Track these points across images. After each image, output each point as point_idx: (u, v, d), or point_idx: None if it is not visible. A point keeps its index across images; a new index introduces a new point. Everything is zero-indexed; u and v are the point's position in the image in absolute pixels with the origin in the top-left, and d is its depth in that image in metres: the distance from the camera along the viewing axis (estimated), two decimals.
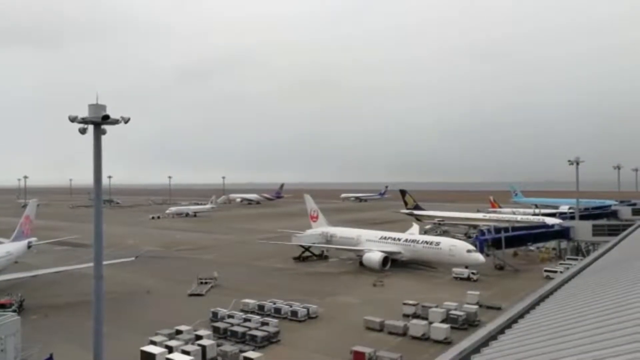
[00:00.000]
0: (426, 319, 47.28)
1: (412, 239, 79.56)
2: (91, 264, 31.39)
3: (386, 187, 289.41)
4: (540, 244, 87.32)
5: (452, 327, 44.80)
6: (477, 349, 13.80)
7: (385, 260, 74.04)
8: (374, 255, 74.87)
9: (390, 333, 45.12)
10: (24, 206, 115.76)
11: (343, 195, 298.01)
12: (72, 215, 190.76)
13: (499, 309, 51.27)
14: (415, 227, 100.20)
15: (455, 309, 48.88)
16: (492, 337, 14.95)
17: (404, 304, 51.51)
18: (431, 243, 75.35)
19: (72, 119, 28.29)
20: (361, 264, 77.01)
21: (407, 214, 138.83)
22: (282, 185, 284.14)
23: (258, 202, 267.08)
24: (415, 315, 49.35)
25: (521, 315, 17.75)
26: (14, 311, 44.55)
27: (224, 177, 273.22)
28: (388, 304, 54.18)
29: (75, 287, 61.17)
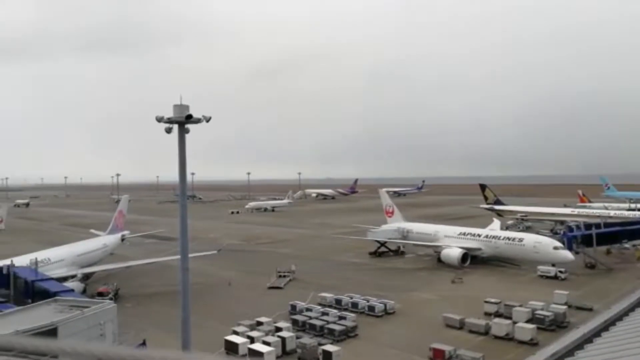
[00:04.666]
0: (510, 318, 45.36)
1: (493, 234, 76.56)
2: (178, 257, 33.16)
3: (423, 181, 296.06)
4: (637, 242, 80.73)
5: (538, 328, 42.67)
6: (570, 351, 12.98)
7: (464, 257, 71.84)
8: (452, 252, 72.90)
9: (471, 332, 43.75)
10: (117, 202, 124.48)
11: (384, 189, 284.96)
12: (160, 210, 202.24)
13: (590, 310, 48.19)
14: (496, 223, 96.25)
15: (542, 309, 46.39)
16: (587, 340, 14.00)
17: (486, 302, 49.69)
18: (514, 239, 72.12)
19: (159, 119, 29.94)
20: (439, 260, 75.29)
21: (487, 209, 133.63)
22: (356, 181, 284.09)
23: (333, 197, 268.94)
24: (498, 314, 47.46)
25: (619, 317, 16.48)
26: (111, 299, 48.06)
27: (299, 173, 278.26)
28: (468, 302, 52.55)
29: (164, 277, 64.77)
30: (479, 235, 76.77)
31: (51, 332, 27.44)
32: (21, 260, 53.26)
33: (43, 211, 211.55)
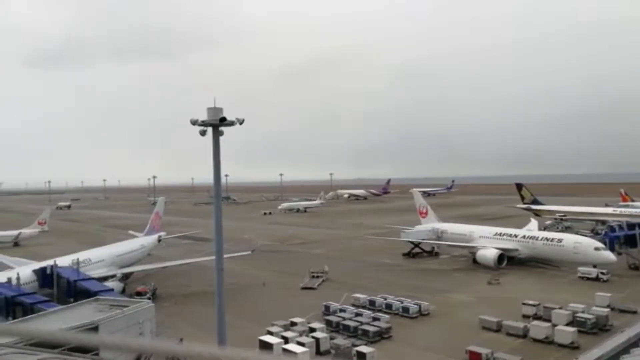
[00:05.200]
0: (549, 320, 44.18)
1: (530, 235, 74.75)
2: (213, 257, 33.69)
3: (452, 181, 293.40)
4: None
5: (579, 331, 41.42)
6: (616, 355, 12.52)
7: (501, 258, 70.42)
8: (488, 252, 71.55)
9: (509, 334, 42.82)
10: (154, 204, 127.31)
11: (417, 190, 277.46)
12: (195, 211, 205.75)
13: (634, 312, 46.54)
14: (534, 223, 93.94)
15: (583, 312, 45.04)
16: (633, 343, 13.47)
17: (524, 304, 48.55)
18: (552, 240, 70.23)
19: (194, 122, 30.48)
20: (474, 261, 74.03)
21: (524, 209, 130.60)
22: (388, 181, 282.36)
23: (365, 198, 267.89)
24: (536, 317, 46.32)
25: None
26: (149, 298, 49.20)
27: (331, 174, 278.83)
28: (505, 304, 51.49)
29: (200, 278, 65.76)
30: (516, 236, 75.11)
31: (92, 330, 28.28)
32: (64, 261, 55.20)
33: (84, 213, 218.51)
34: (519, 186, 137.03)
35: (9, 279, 48.41)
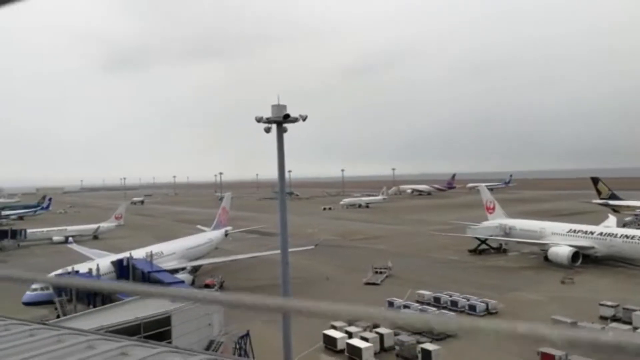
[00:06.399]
0: (629, 323, 41.53)
1: (608, 232, 70.40)
2: (278, 251, 34.36)
3: (511, 175, 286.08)
4: None
5: None
6: None
7: (575, 256, 66.90)
8: (561, 250, 68.17)
9: None
10: (221, 199, 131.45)
11: (469, 185, 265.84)
12: (259, 206, 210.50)
13: None
14: (612, 219, 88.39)
15: None
16: None
17: (601, 304, 45.89)
18: (633, 237, 65.80)
19: (258, 120, 31.14)
20: (546, 259, 70.80)
21: (601, 204, 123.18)
22: (453, 176, 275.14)
23: (429, 193, 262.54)
24: (615, 318, 43.69)
25: None
26: (217, 291, 50.97)
27: (394, 169, 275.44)
28: (580, 304, 48.94)
29: (265, 271, 67.24)
30: (592, 233, 71.02)
31: (166, 319, 29.67)
32: (138, 253, 58.32)
33: (156, 208, 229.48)
34: (595, 180, 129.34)
35: (90, 270, 51.86)
